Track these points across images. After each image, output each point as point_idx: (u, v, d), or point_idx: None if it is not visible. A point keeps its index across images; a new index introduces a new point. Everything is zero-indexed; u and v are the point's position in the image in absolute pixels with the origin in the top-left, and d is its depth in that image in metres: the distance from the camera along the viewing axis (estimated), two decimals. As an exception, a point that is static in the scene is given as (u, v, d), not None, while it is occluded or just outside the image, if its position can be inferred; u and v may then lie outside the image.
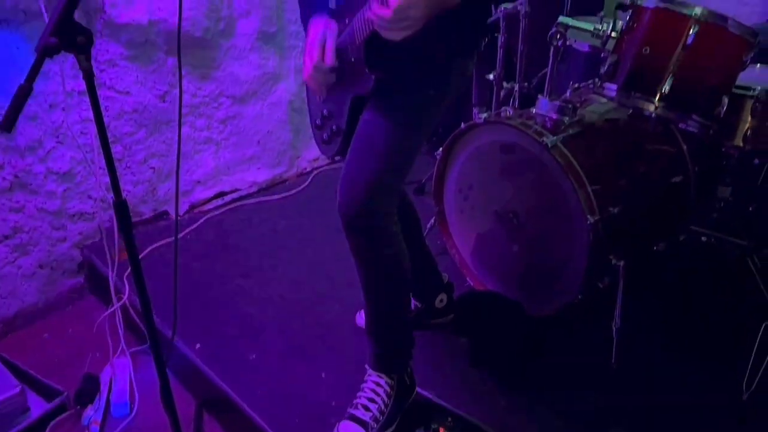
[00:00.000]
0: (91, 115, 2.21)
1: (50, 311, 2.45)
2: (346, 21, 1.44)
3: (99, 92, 2.35)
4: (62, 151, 2.35)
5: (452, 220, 2.30)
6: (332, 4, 1.54)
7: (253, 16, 2.72)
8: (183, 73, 2.60)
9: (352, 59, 1.45)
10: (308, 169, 3.19)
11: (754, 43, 1.73)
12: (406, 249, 1.59)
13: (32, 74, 1.13)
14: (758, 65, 2.16)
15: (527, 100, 2.77)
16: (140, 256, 2.38)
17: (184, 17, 2.47)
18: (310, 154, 3.22)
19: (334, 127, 1.64)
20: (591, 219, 1.80)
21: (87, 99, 1.98)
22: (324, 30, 1.45)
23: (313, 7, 1.52)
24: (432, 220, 2.41)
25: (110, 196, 1.35)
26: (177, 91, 2.59)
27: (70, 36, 1.16)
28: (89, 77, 1.22)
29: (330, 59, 1.43)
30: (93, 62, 2.14)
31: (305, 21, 1.53)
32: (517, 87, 2.74)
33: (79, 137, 2.35)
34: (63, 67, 2.23)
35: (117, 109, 2.45)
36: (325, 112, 1.67)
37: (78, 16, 2.09)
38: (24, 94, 1.12)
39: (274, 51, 2.86)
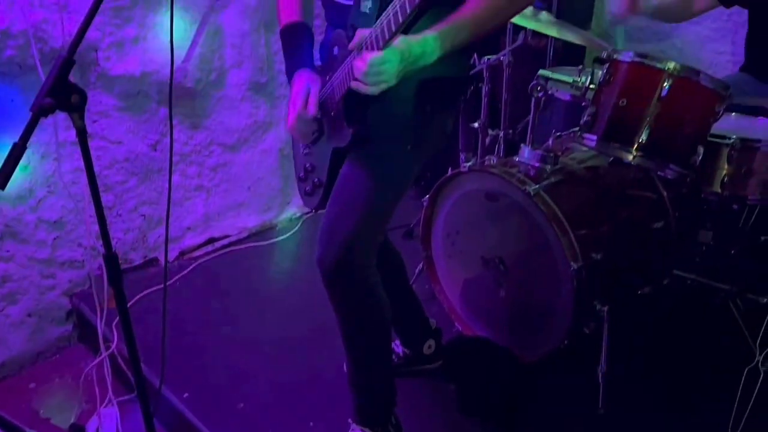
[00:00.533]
0: (82, 164, 2.25)
1: (38, 360, 2.44)
2: (328, 78, 1.50)
3: (91, 142, 2.39)
4: (53, 200, 2.37)
5: (440, 265, 2.33)
6: (317, 61, 1.60)
7: (245, 67, 2.79)
8: (174, 122, 2.65)
9: (332, 113, 1.51)
10: (298, 214, 3.23)
11: (725, 95, 1.80)
12: (386, 298, 1.62)
13: (26, 134, 1.17)
14: (734, 114, 2.23)
15: (513, 146, 2.84)
16: (129, 304, 2.40)
17: (176, 69, 2.53)
18: (300, 200, 3.24)
19: (316, 180, 1.68)
20: (574, 265, 1.83)
21: (79, 150, 2.03)
22: (308, 82, 1.51)
23: (298, 62, 1.59)
24: (420, 265, 2.44)
25: (100, 244, 1.38)
26: (168, 140, 2.64)
27: (65, 96, 1.21)
28: (82, 135, 1.26)
29: (312, 109, 1.48)
30: (86, 113, 2.20)
31: (290, 74, 1.59)
32: (502, 134, 2.82)
33: (70, 186, 2.38)
34: (56, 119, 2.27)
35: (109, 158, 2.49)
36: (308, 165, 1.72)
37: (72, 69, 2.13)
38: (18, 152, 1.16)
39: (264, 100, 2.92)
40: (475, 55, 2.60)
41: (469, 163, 2.10)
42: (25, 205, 2.30)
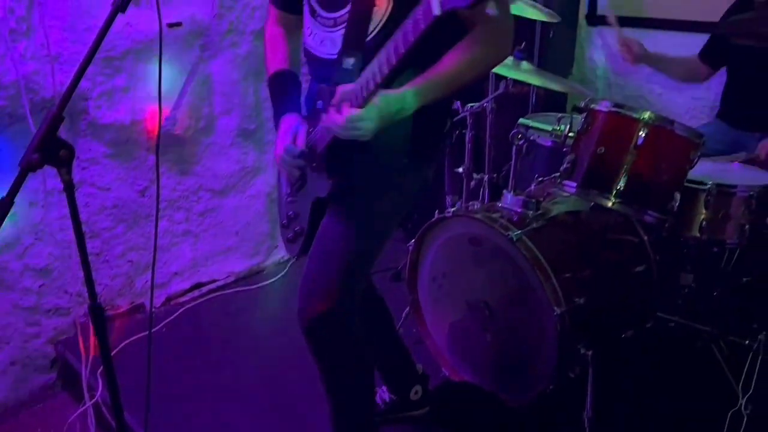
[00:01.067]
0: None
1: (21, 409, 2.41)
2: (311, 129, 1.54)
3: (80, 189, 2.44)
4: (40, 247, 2.38)
5: (427, 309, 2.34)
6: (304, 111, 1.65)
7: (234, 114, 2.84)
8: (163, 169, 2.68)
9: (314, 164, 1.55)
10: (285, 258, 3.24)
11: (699, 143, 1.86)
12: (367, 347, 1.63)
13: (14, 189, 1.20)
14: (710, 159, 2.29)
15: (497, 190, 2.89)
16: (115, 351, 2.39)
17: (165, 117, 2.58)
18: (288, 244, 3.27)
19: (297, 228, 1.71)
20: (558, 310, 1.85)
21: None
22: (296, 123, 1.56)
23: (286, 108, 1.62)
24: (407, 309, 2.45)
25: (87, 291, 1.39)
26: (155, 186, 2.67)
27: (53, 151, 1.24)
28: (70, 189, 1.28)
29: (301, 143, 1.52)
30: (75, 160, 2.23)
31: (277, 119, 1.62)
32: (486, 178, 2.87)
33: (58, 234, 2.39)
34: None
35: (97, 204, 2.51)
36: (290, 212, 1.74)
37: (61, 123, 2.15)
38: (5, 208, 1.18)
39: (253, 146, 2.97)
40: (459, 103, 2.66)
41: (453, 209, 2.13)
42: (12, 252, 2.30)
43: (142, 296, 2.75)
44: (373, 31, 1.39)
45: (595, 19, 3.48)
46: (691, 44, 3.04)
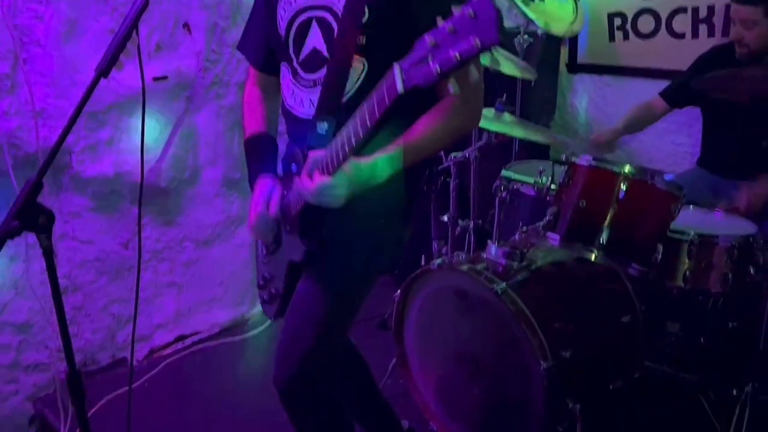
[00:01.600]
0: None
1: (-4, 470, 2.35)
2: (286, 192, 1.52)
3: (62, 243, 2.41)
4: (20, 302, 2.35)
5: (414, 362, 2.32)
6: (280, 172, 1.64)
7: (218, 164, 2.85)
8: (147, 220, 2.67)
9: (288, 227, 1.54)
10: (271, 307, 3.21)
11: (680, 196, 1.88)
12: (344, 410, 1.61)
13: (-8, 256, 1.18)
14: (692, 207, 2.31)
15: (482, 235, 2.91)
16: (96, 407, 2.34)
17: (150, 169, 2.57)
18: (273, 293, 3.25)
19: (273, 290, 1.68)
20: (544, 365, 1.84)
21: None
22: (270, 186, 1.54)
23: (261, 170, 1.61)
24: (394, 361, 2.42)
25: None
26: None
27: (33, 217, 1.23)
28: (48, 255, 1.27)
29: (274, 209, 1.50)
30: (57, 214, 2.20)
31: (252, 181, 1.61)
32: (471, 225, 2.88)
33: (38, 288, 2.36)
34: (27, 220, 2.28)
35: (80, 258, 2.49)
36: (266, 274, 1.72)
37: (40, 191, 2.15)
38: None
39: (237, 195, 2.97)
40: (443, 153, 2.69)
41: (439, 260, 2.13)
42: (-9, 309, 2.27)
43: (123, 350, 2.71)
44: (349, 91, 1.40)
45: (576, 67, 3.55)
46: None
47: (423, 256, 3.09)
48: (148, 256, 2.71)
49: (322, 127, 1.37)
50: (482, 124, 2.39)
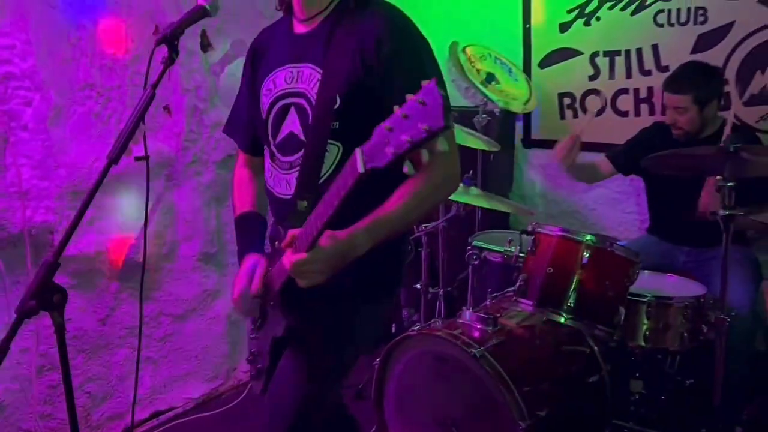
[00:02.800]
0: (30, 344, 2.28)
1: None
2: (269, 268, 1.56)
3: (41, 321, 2.41)
4: (-4, 382, 2.33)
5: (394, 429, 2.37)
6: (267, 248, 1.70)
7: (195, 239, 2.92)
8: (125, 296, 2.70)
9: (271, 303, 1.57)
10: (244, 380, 3.22)
11: (636, 261, 2.06)
12: None
13: (10, 334, 1.24)
14: (646, 271, 2.50)
15: (451, 301, 3.05)
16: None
17: (130, 245, 2.63)
18: (246, 366, 3.26)
19: (260, 366, 1.69)
20: (522, 424, 1.93)
21: (27, 329, 2.08)
22: (255, 263, 1.57)
23: (248, 247, 1.66)
24: (374, 429, 2.46)
25: (42, 425, 1.38)
26: (117, 314, 2.68)
27: (48, 296, 1.29)
28: (60, 331, 1.33)
29: (255, 287, 1.53)
30: None
31: (240, 258, 1.65)
32: (441, 292, 3.02)
33: (17, 368, 2.35)
34: (7, 298, 2.30)
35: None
36: (254, 349, 1.73)
37: (28, 250, 2.24)
38: (1, 354, 1.21)
39: (214, 269, 3.03)
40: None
41: (417, 327, 2.23)
42: (-33, 390, 2.24)
43: (98, 429, 2.67)
44: (325, 174, 1.47)
45: (530, 142, 3.80)
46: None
47: (394, 324, 3.19)
48: (124, 332, 2.72)
49: (302, 205, 1.44)
50: (452, 196, 2.57)
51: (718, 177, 1.99)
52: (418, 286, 2.94)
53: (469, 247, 2.37)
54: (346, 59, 1.43)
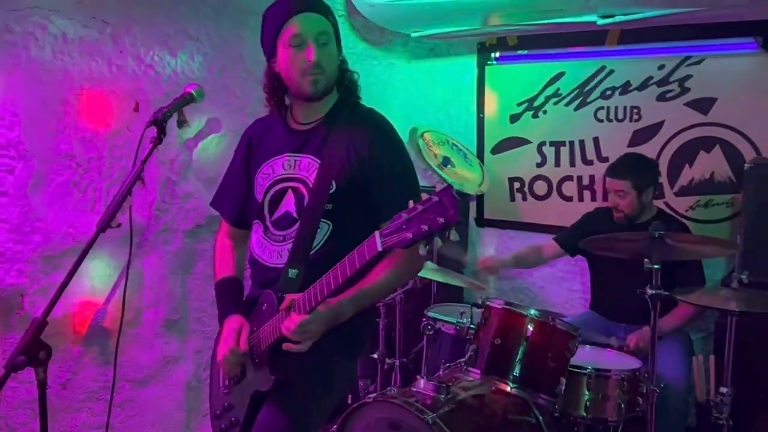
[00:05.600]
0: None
1: None
2: (255, 329, 1.76)
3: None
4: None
5: (348, 497, 2.43)
6: (247, 315, 1.87)
7: (161, 306, 3.00)
8: (87, 360, 2.75)
9: (257, 360, 1.74)
10: (200, 450, 3.23)
11: (576, 335, 2.25)
12: None
13: (-2, 388, 1.33)
14: (588, 346, 2.69)
15: (406, 370, 3.18)
16: None
17: (96, 311, 2.70)
18: (203, 433, 3.29)
19: (233, 419, 1.83)
20: (472, 489, 2.05)
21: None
22: (240, 324, 1.77)
23: (230, 310, 1.85)
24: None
25: None
26: (79, 378, 2.71)
27: (35, 353, 1.39)
28: (43, 387, 1.43)
29: (243, 345, 1.73)
30: (1, 354, 2.33)
31: (222, 319, 1.85)
32: (397, 362, 3.15)
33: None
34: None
35: (17, 399, 2.52)
36: (226, 403, 1.88)
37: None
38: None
39: (176, 335, 3.10)
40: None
41: (373, 395, 2.35)
42: None
43: (50, 496, 2.65)
44: (316, 246, 1.71)
45: (483, 222, 4.05)
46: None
47: (350, 395, 3.28)
48: (84, 396, 2.75)
49: (293, 272, 1.66)
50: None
51: (645, 259, 2.22)
52: (376, 355, 3.06)
53: (424, 319, 2.52)
54: (341, 153, 1.71)
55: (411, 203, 1.33)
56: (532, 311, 2.22)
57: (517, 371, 2.17)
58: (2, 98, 2.37)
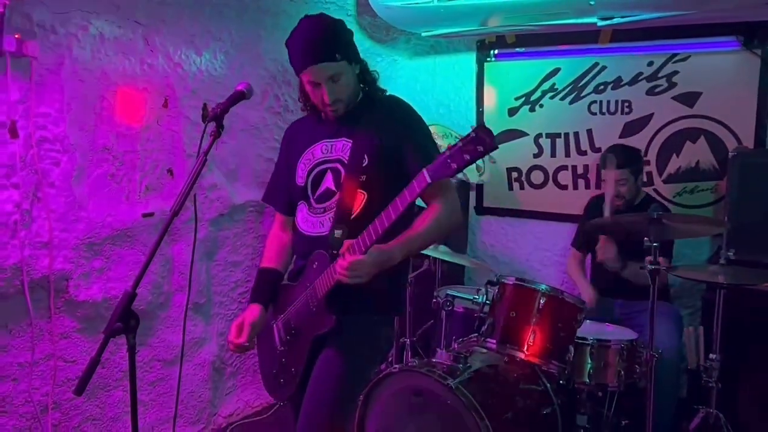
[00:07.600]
0: (36, 383, 2.51)
1: None
2: (308, 285, 1.99)
3: (49, 363, 2.65)
4: (3, 420, 2.50)
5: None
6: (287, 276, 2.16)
7: (187, 290, 3.18)
8: (122, 342, 2.92)
9: (313, 308, 1.97)
10: (224, 425, 3.43)
11: (583, 307, 2.49)
12: None
13: (100, 350, 1.52)
14: (588, 321, 2.93)
15: (415, 349, 3.42)
16: None
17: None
18: (226, 410, 3.48)
19: (292, 370, 2.06)
20: (491, 448, 2.28)
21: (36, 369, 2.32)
22: (253, 315, 2.08)
23: (256, 298, 2.15)
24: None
25: None
26: (116, 357, 2.89)
27: (127, 320, 1.59)
28: (132, 351, 1.63)
29: (245, 338, 2.05)
30: (48, 335, 2.54)
31: (250, 301, 2.17)
32: (408, 341, 3.39)
33: (21, 407, 2.53)
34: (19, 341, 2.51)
35: (63, 377, 2.69)
36: (283, 359, 2.11)
37: (42, 295, 2.55)
38: (93, 364, 1.50)
39: (201, 318, 3.29)
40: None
41: (399, 365, 2.57)
42: (-20, 425, 2.41)
43: (91, 468, 2.83)
44: (354, 212, 1.96)
45: (482, 210, 4.28)
46: (560, 231, 3.88)
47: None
48: (119, 375, 2.93)
49: (338, 233, 1.92)
50: (427, 252, 2.97)
51: (645, 238, 2.47)
52: (390, 334, 3.29)
53: (444, 296, 2.75)
54: (370, 131, 1.97)
55: (449, 144, 1.61)
56: (543, 286, 2.46)
57: (531, 340, 2.41)
58: (50, 96, 2.53)
